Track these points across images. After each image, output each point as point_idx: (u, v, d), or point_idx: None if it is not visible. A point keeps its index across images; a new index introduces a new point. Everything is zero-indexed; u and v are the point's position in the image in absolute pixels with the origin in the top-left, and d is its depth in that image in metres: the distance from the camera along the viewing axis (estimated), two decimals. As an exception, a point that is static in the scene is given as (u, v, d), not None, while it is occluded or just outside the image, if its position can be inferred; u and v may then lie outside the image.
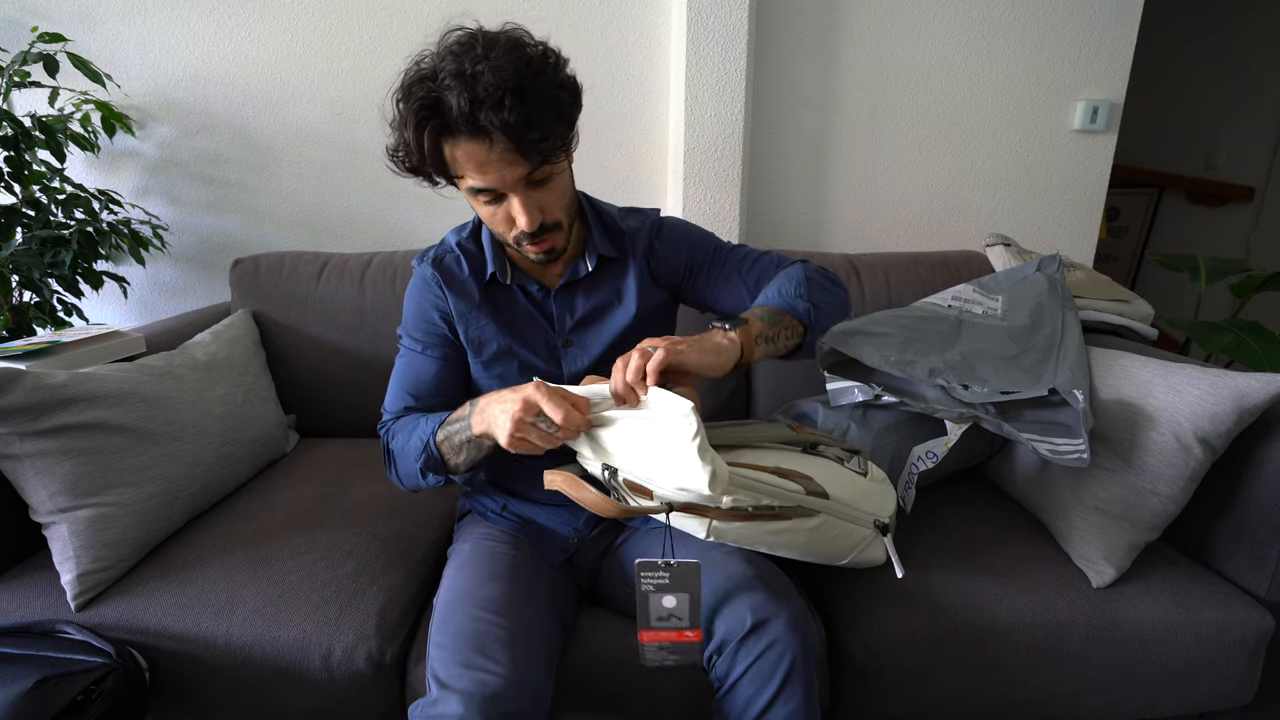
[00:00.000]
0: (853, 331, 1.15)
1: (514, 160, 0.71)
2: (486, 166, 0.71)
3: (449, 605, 0.77)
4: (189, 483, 1.02)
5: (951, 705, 0.89)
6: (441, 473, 0.82)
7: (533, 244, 0.79)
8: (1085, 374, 1.04)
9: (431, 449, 0.80)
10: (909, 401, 1.05)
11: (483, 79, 0.66)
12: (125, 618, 0.86)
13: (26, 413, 0.86)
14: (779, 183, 1.66)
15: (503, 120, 0.66)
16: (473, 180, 0.73)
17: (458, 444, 0.79)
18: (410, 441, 0.83)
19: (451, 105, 0.67)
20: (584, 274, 0.88)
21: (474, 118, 0.67)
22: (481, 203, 0.76)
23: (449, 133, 0.70)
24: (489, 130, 0.67)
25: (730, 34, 1.44)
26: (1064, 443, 0.95)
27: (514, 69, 0.67)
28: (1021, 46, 1.58)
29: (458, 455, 0.80)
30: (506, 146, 0.69)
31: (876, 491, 0.85)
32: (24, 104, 1.47)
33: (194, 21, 1.50)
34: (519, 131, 0.68)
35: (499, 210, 0.76)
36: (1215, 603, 0.89)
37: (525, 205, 0.74)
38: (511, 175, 0.72)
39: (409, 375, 0.90)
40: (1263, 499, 0.90)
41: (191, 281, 1.68)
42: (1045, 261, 1.29)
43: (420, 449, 0.81)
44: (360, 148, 1.58)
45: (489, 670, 0.67)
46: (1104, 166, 1.67)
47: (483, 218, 0.80)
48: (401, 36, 1.51)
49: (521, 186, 0.74)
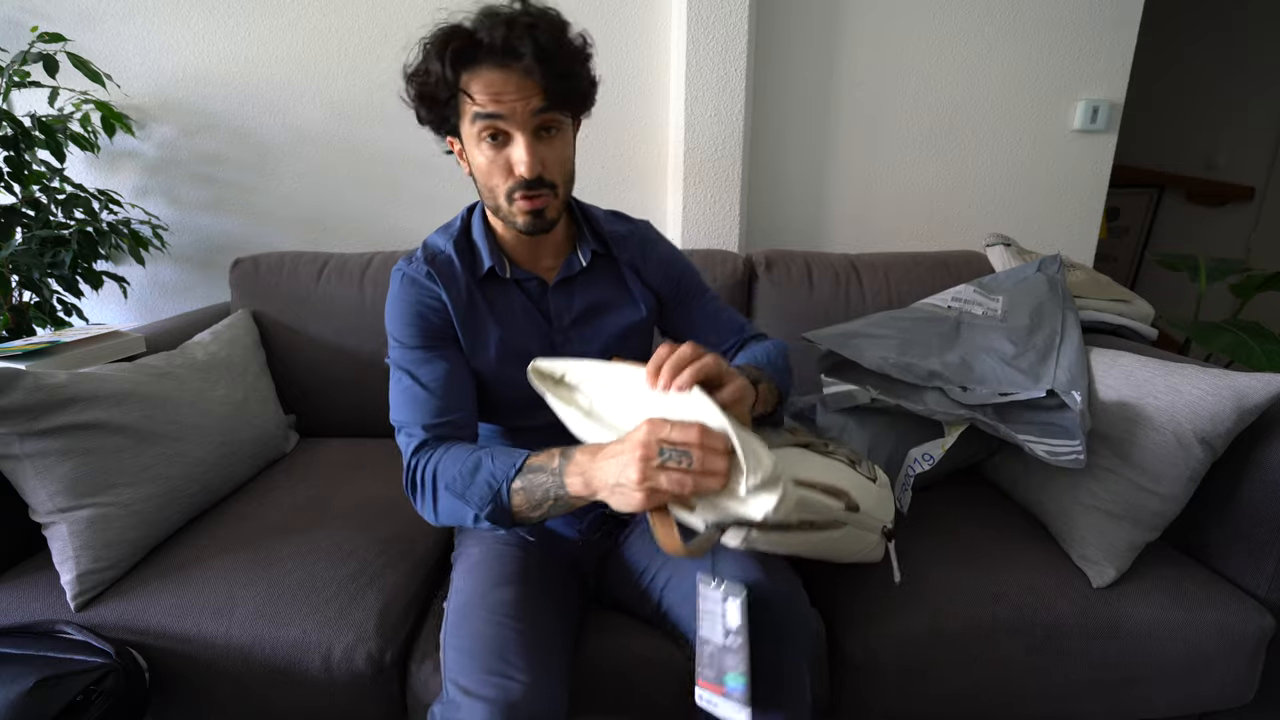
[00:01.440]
0: (851, 334, 1.15)
1: (531, 90, 0.72)
2: (504, 93, 0.72)
3: (463, 609, 0.76)
4: (189, 483, 1.02)
5: (951, 705, 0.89)
6: (504, 523, 0.72)
7: (526, 197, 0.76)
8: (1084, 374, 1.04)
9: (503, 498, 0.70)
10: (905, 405, 1.05)
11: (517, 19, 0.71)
12: (125, 618, 0.86)
13: (26, 413, 0.86)
14: (779, 183, 1.66)
15: (530, 44, 0.69)
16: (484, 105, 0.72)
17: (538, 499, 0.69)
18: (470, 482, 0.72)
19: (480, 32, 0.70)
20: (579, 269, 0.88)
21: (504, 40, 0.70)
22: (484, 138, 0.75)
23: (472, 57, 0.72)
24: (514, 52, 0.70)
25: (730, 34, 1.44)
26: (1061, 444, 0.95)
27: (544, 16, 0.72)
28: (1021, 46, 1.58)
29: (535, 510, 0.70)
30: (527, 72, 0.71)
31: (884, 497, 0.85)
32: (24, 104, 1.47)
33: (194, 21, 1.50)
34: (542, 58, 0.70)
35: (499, 156, 0.75)
36: (1215, 603, 0.89)
37: (529, 149, 0.74)
38: (525, 107, 0.72)
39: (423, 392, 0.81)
40: (1263, 499, 0.90)
41: (191, 281, 1.68)
42: (1046, 262, 1.29)
43: (487, 495, 0.71)
44: (360, 148, 1.58)
45: (510, 677, 0.67)
46: (1104, 166, 1.67)
47: (479, 169, 0.78)
48: (401, 36, 1.51)
49: (530, 128, 0.74)
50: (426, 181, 1.61)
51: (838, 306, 1.38)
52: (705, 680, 0.69)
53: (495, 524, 0.73)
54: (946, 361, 1.09)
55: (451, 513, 0.75)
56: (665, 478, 0.58)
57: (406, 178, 1.61)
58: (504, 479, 0.71)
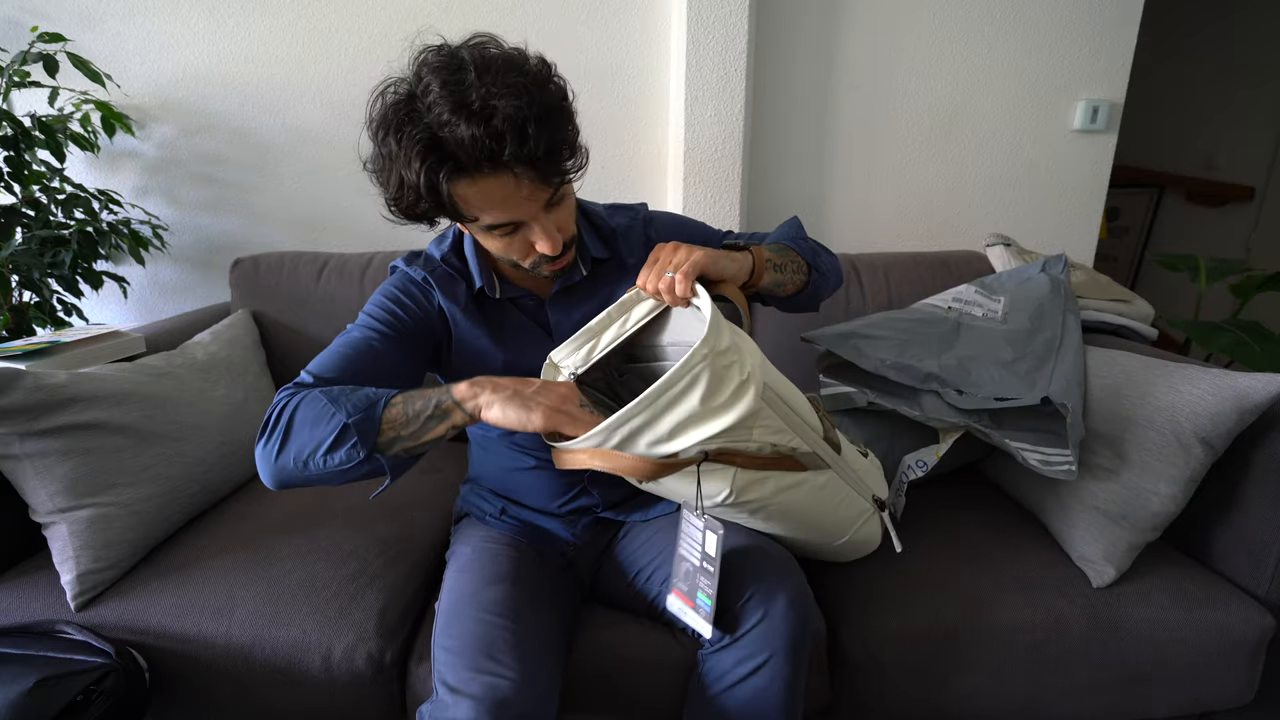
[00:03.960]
0: (849, 334, 1.15)
1: (539, 191, 0.67)
2: (509, 202, 0.66)
3: (453, 608, 0.76)
4: (189, 483, 1.02)
5: (951, 705, 0.89)
6: (365, 446, 0.64)
7: (552, 265, 0.76)
8: (1080, 382, 1.04)
9: (377, 409, 0.64)
10: (902, 410, 1.05)
11: (499, 111, 0.60)
12: (125, 618, 0.86)
13: (26, 413, 0.86)
14: (779, 183, 1.66)
15: (529, 152, 0.62)
16: (491, 217, 0.68)
17: (417, 409, 0.65)
18: (346, 396, 0.66)
19: (465, 142, 0.60)
20: (578, 279, 0.85)
21: (495, 155, 0.61)
22: (497, 236, 0.71)
23: (463, 173, 0.64)
24: (513, 165, 0.63)
25: (730, 34, 1.44)
26: (1055, 452, 0.95)
27: (526, 92, 0.61)
28: (1021, 46, 1.58)
29: (408, 425, 0.65)
30: (533, 179, 0.65)
31: (875, 472, 0.87)
32: (24, 104, 1.47)
33: (194, 21, 1.50)
34: (545, 161, 0.64)
35: (515, 240, 0.72)
36: (1215, 603, 0.89)
37: (547, 230, 0.70)
38: (536, 205, 0.68)
39: (357, 351, 0.75)
40: (1263, 499, 0.90)
41: (191, 281, 1.68)
42: (1050, 262, 1.28)
43: (362, 403, 0.65)
44: (360, 148, 1.58)
45: (498, 674, 0.66)
46: (1104, 166, 1.67)
47: (494, 250, 0.76)
48: (401, 37, 1.49)
49: (542, 212, 0.70)
50: (426, 181, 1.60)
51: (838, 306, 1.38)
52: (680, 591, 0.76)
53: (353, 451, 0.63)
54: (944, 364, 1.09)
55: (304, 443, 0.65)
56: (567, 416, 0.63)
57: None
58: (386, 394, 0.66)
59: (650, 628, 0.86)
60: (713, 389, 0.61)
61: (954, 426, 1.03)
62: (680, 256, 0.69)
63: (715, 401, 0.62)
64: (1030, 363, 1.08)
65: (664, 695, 0.84)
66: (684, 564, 0.75)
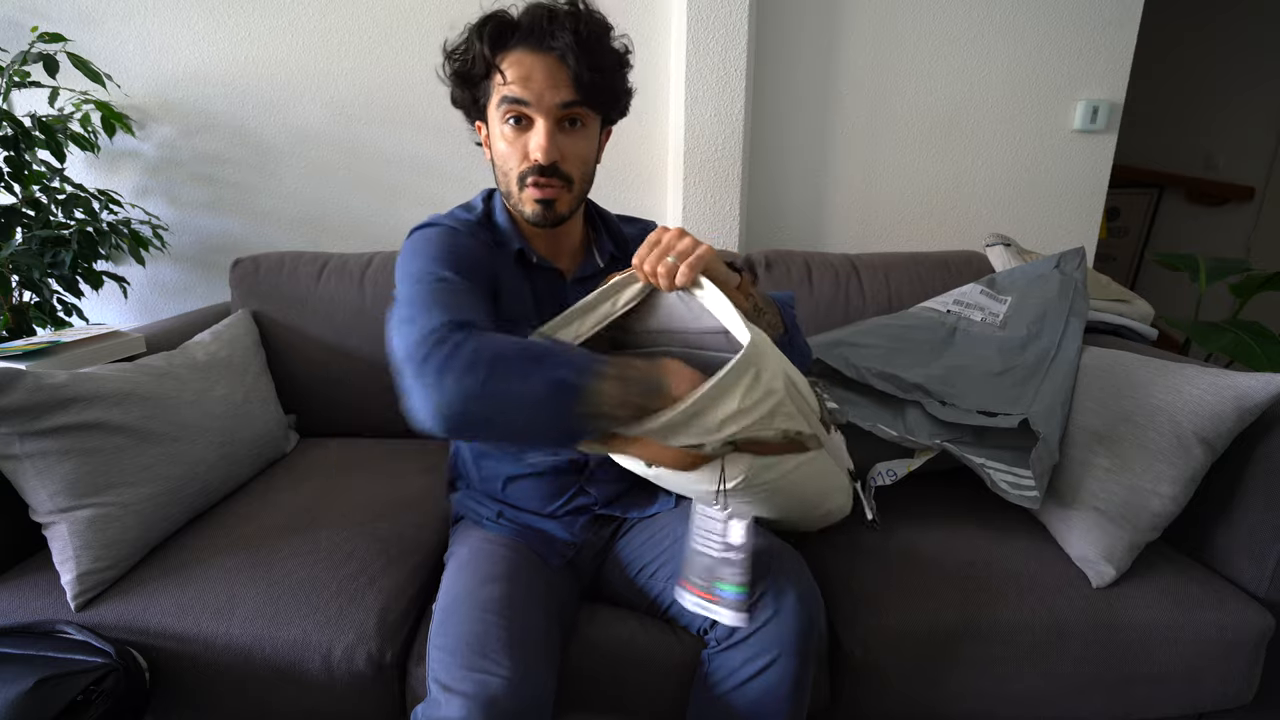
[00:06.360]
0: (837, 342, 1.15)
1: (561, 80, 0.73)
2: (532, 77, 0.73)
3: (449, 608, 0.76)
4: (189, 483, 1.02)
5: (951, 705, 0.89)
6: (580, 409, 0.58)
7: (536, 184, 0.76)
8: (1065, 401, 1.03)
9: (595, 367, 0.59)
10: (879, 431, 1.05)
11: (564, 7, 0.74)
12: (125, 618, 0.86)
13: (26, 413, 0.86)
14: (779, 183, 1.66)
15: (568, 35, 0.71)
16: (512, 86, 0.74)
17: (635, 386, 0.60)
18: (547, 351, 0.61)
19: (524, 18, 0.73)
20: (595, 270, 0.88)
21: (542, 26, 0.72)
22: (507, 120, 0.76)
23: (509, 38, 0.74)
24: (550, 38, 0.72)
25: (730, 34, 1.44)
26: (1026, 475, 0.95)
27: (589, 13, 0.75)
28: (1021, 46, 1.58)
29: (620, 406, 0.59)
30: (559, 61, 0.73)
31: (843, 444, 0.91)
32: (24, 104, 1.47)
33: (194, 21, 1.50)
34: (577, 50, 0.72)
35: (518, 139, 0.76)
36: (1215, 603, 0.89)
37: (550, 136, 0.75)
38: (552, 95, 0.73)
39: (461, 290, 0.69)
40: (1263, 499, 0.90)
41: (191, 281, 1.68)
42: (1066, 257, 1.25)
43: (577, 365, 0.59)
44: (360, 148, 1.58)
45: (491, 672, 0.66)
46: (1104, 166, 1.67)
47: (498, 153, 0.79)
48: (401, 37, 1.51)
49: (554, 117, 0.74)
50: (427, 181, 1.61)
51: (838, 307, 1.38)
52: (695, 586, 0.73)
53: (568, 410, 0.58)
54: (931, 374, 1.09)
55: (512, 380, 0.58)
56: None
57: (406, 178, 1.61)
58: (594, 358, 0.60)
59: (651, 625, 0.86)
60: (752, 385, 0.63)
61: (927, 449, 1.03)
62: (686, 244, 0.69)
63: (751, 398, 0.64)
64: (1019, 374, 1.07)
65: (665, 693, 0.84)
66: (700, 558, 0.74)
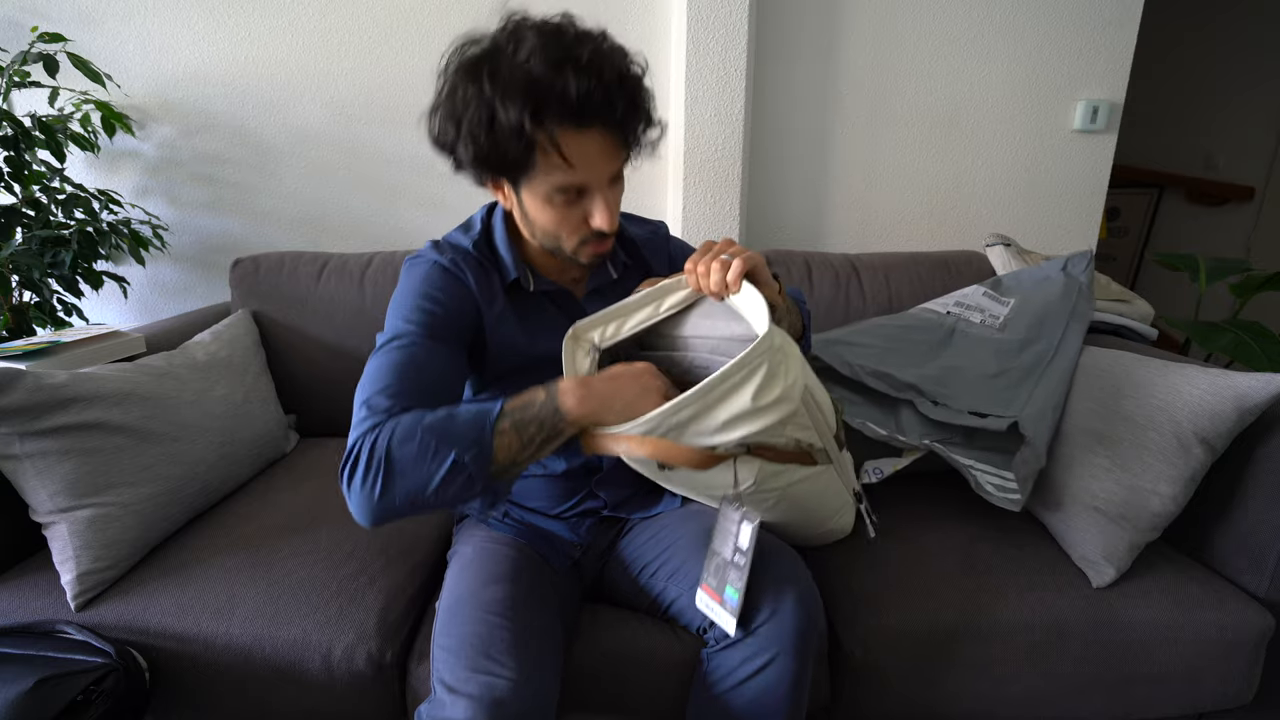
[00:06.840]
0: (833, 340, 1.16)
1: (616, 154, 0.70)
2: (589, 159, 0.67)
3: (452, 608, 0.76)
4: (189, 483, 1.02)
5: (951, 705, 0.89)
6: (482, 478, 0.63)
7: (598, 245, 0.76)
8: (1057, 406, 1.04)
9: (485, 437, 0.63)
10: (869, 430, 1.05)
11: (608, 66, 0.64)
12: (125, 618, 0.86)
13: (26, 413, 0.86)
14: (779, 183, 1.66)
15: (620, 111, 0.66)
16: (566, 177, 0.68)
17: (529, 438, 0.64)
18: (449, 424, 0.63)
19: (575, 93, 0.62)
20: (608, 281, 0.86)
21: (592, 106, 0.63)
22: (558, 204, 0.71)
23: (558, 113, 0.63)
24: (605, 120, 0.66)
25: (730, 34, 1.44)
26: (1012, 478, 0.95)
27: (621, 59, 0.66)
28: (1021, 46, 1.58)
29: (523, 451, 0.64)
30: (616, 139, 0.68)
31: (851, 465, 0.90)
32: (24, 104, 1.47)
33: (194, 21, 1.50)
34: (628, 122, 0.68)
35: (572, 210, 0.72)
36: (1215, 603, 0.89)
37: (608, 202, 0.71)
38: (608, 170, 0.70)
39: (411, 368, 0.70)
40: (1263, 499, 0.90)
41: (191, 281, 1.68)
42: (1073, 260, 1.25)
43: (472, 434, 0.62)
44: (360, 148, 1.58)
45: (496, 674, 0.66)
46: (1104, 166, 1.67)
47: (544, 222, 0.73)
48: (401, 37, 1.51)
49: (607, 183, 0.71)
50: (427, 181, 1.60)
51: (838, 306, 1.38)
52: (709, 587, 0.75)
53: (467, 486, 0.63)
54: (925, 374, 1.09)
55: (416, 481, 0.62)
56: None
57: (407, 178, 1.61)
58: (489, 419, 0.64)
59: (652, 626, 0.86)
60: (765, 385, 0.63)
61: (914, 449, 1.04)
62: (737, 247, 0.71)
63: (765, 399, 0.63)
64: (1013, 377, 1.08)
65: (665, 693, 0.84)
66: (716, 558, 0.74)
